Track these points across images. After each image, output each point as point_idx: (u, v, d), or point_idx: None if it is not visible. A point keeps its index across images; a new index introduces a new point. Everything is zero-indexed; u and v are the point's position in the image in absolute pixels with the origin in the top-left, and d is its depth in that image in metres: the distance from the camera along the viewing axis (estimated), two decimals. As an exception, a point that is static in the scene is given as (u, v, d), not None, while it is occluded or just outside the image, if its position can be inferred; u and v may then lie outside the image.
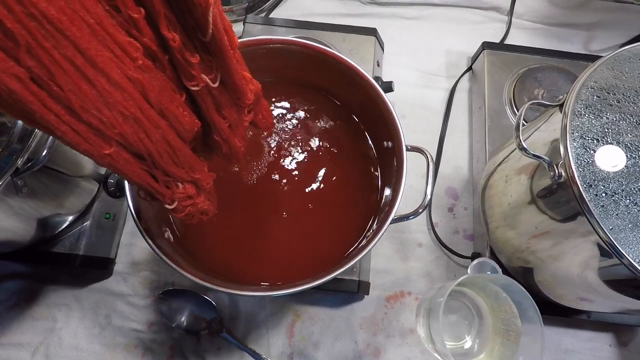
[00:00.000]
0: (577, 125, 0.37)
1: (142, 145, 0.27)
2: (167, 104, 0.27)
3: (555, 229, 0.43)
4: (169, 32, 0.25)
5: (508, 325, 0.47)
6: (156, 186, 0.30)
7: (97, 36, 0.23)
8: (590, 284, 0.43)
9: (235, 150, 0.35)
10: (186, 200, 0.32)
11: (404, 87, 0.70)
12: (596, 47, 0.77)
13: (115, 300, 0.58)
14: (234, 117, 0.33)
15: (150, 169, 0.29)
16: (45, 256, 0.54)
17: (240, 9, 0.75)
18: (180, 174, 0.31)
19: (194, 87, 0.28)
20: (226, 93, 0.31)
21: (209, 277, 0.39)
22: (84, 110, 0.23)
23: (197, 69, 0.27)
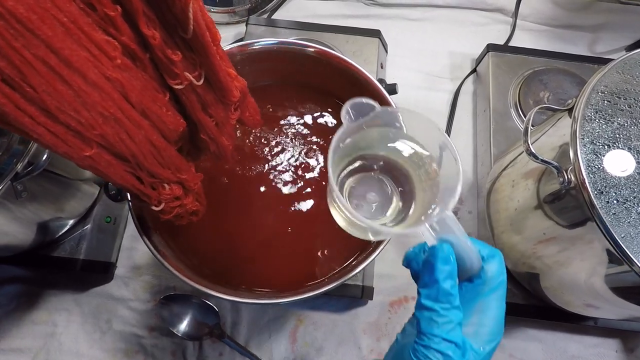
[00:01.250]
0: (587, 130, 0.36)
1: (124, 147, 0.26)
2: (149, 103, 0.27)
3: (562, 235, 0.43)
4: (149, 29, 0.24)
5: (427, 172, 0.35)
6: (141, 188, 0.29)
7: (72, 35, 0.22)
8: (597, 291, 0.42)
9: (224, 148, 0.35)
10: (173, 201, 0.32)
11: (408, 89, 0.70)
12: (601, 49, 0.77)
13: (116, 304, 0.57)
14: (220, 115, 0.32)
15: (134, 171, 0.28)
16: (46, 260, 0.54)
17: (243, 10, 0.74)
18: (166, 175, 0.30)
19: (178, 86, 0.27)
20: (211, 91, 0.30)
21: (211, 284, 0.39)
22: (61, 112, 0.22)
23: (179, 67, 0.27)
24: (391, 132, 0.32)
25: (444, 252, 0.25)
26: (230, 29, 0.75)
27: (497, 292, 0.26)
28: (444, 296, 0.24)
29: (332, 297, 0.58)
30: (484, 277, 0.27)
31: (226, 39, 0.74)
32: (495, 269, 0.27)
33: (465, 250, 0.26)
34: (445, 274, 0.25)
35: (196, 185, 0.34)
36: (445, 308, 0.24)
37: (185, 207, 0.34)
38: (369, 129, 0.31)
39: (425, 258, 0.26)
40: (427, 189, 0.33)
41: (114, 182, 0.28)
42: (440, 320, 0.24)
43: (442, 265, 0.25)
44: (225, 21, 0.75)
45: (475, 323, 0.26)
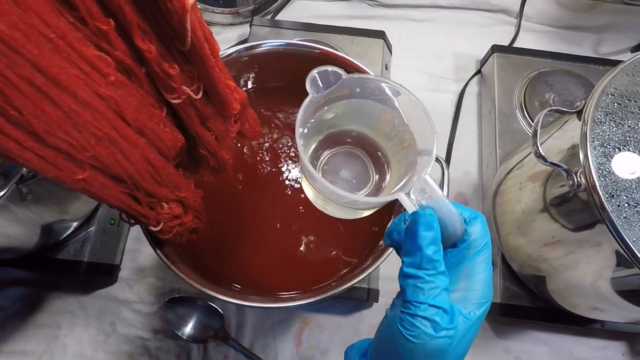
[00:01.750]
0: (597, 133, 0.36)
1: (119, 167, 0.25)
2: (146, 120, 0.25)
3: (568, 237, 0.42)
4: (144, 43, 0.23)
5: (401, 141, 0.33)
6: (139, 208, 0.28)
7: (60, 52, 0.20)
8: (603, 294, 0.42)
9: (224, 162, 0.34)
10: (173, 220, 0.31)
11: (412, 90, 0.66)
12: (606, 50, 0.76)
13: (120, 307, 0.57)
14: (220, 129, 0.31)
15: (131, 191, 0.27)
16: (50, 263, 0.53)
17: (246, 11, 0.74)
18: (165, 194, 0.29)
19: (175, 100, 0.26)
20: (210, 104, 0.29)
21: (217, 287, 0.38)
22: (50, 134, 0.21)
23: (177, 81, 0.25)
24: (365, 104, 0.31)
25: (426, 218, 0.24)
26: (234, 30, 0.75)
27: (483, 254, 0.25)
28: (428, 262, 0.23)
29: (337, 299, 0.57)
30: (468, 240, 0.26)
31: (229, 40, 0.74)
32: (478, 231, 0.26)
33: (447, 215, 0.25)
34: (429, 240, 0.24)
35: (196, 203, 0.33)
36: (430, 274, 0.23)
37: (185, 225, 0.33)
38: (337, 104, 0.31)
39: (407, 225, 0.25)
40: (402, 158, 0.32)
41: (108, 204, 0.26)
42: (426, 286, 0.23)
43: (425, 231, 0.24)
44: (228, 22, 0.75)
45: (463, 288, 0.25)
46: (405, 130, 0.31)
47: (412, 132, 0.31)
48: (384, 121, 0.33)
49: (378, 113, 0.32)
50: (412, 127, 0.31)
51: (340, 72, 0.28)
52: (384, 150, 0.34)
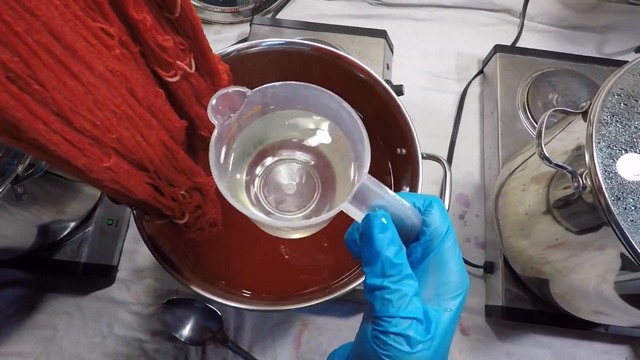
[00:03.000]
0: (603, 134, 0.35)
1: (141, 151, 0.23)
2: (153, 100, 0.24)
3: (571, 240, 0.42)
4: (138, 13, 0.22)
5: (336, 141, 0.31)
6: (164, 201, 0.27)
7: (67, 21, 0.19)
8: (607, 298, 0.42)
9: None
10: (195, 210, 0.30)
11: (414, 90, 0.69)
12: (609, 50, 0.76)
13: (117, 308, 0.56)
14: None
15: (153, 180, 0.25)
16: (47, 263, 0.53)
17: (247, 9, 0.73)
18: (183, 181, 0.28)
19: (173, 78, 0.25)
20: (202, 79, 0.28)
21: (215, 289, 0.38)
22: (75, 114, 0.19)
23: (172, 55, 0.24)
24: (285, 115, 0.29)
25: (378, 219, 0.22)
26: (234, 29, 0.74)
27: (447, 241, 0.23)
28: (390, 267, 0.21)
29: (337, 301, 0.56)
30: (428, 230, 0.23)
31: (230, 39, 0.73)
32: (437, 218, 0.23)
33: (401, 209, 0.23)
34: (386, 242, 0.21)
35: (212, 189, 0.31)
36: (395, 281, 0.21)
37: (206, 216, 0.32)
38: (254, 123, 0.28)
39: (360, 232, 0.23)
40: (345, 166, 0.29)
41: (133, 199, 0.25)
42: (393, 297, 0.21)
43: (380, 233, 0.22)
44: (228, 21, 0.74)
45: (435, 284, 0.23)
46: (334, 129, 0.29)
47: (341, 130, 0.28)
48: (311, 128, 0.30)
49: (303, 121, 0.30)
50: (340, 125, 0.28)
51: (243, 91, 0.25)
52: (324, 156, 0.31)
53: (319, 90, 0.26)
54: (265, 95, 0.27)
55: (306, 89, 0.26)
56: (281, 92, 0.27)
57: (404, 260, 0.22)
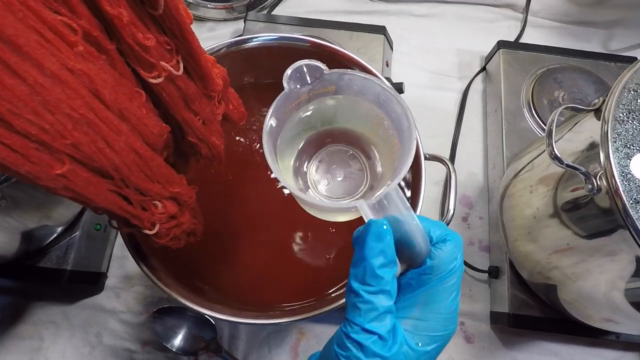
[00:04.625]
0: (619, 132, 0.33)
1: (104, 158, 0.21)
2: (126, 103, 0.22)
3: (581, 245, 0.40)
4: (113, 7, 0.20)
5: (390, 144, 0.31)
6: (130, 209, 0.25)
7: (14, 12, 0.16)
8: (617, 305, 0.40)
9: (216, 149, 0.31)
10: (169, 221, 0.28)
11: (414, 88, 0.67)
12: (615, 46, 0.73)
13: (106, 317, 0.54)
14: (206, 111, 0.28)
15: (119, 189, 0.23)
16: (31, 271, 0.50)
17: (241, 5, 0.71)
18: (157, 190, 0.26)
19: (155, 80, 0.23)
20: (192, 82, 0.26)
21: (207, 302, 0.35)
22: (16, 116, 0.17)
23: (154, 55, 0.22)
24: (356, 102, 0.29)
25: (378, 227, 0.22)
26: (228, 26, 0.72)
27: (446, 282, 0.23)
28: (371, 277, 0.21)
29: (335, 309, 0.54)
30: (431, 262, 0.23)
31: (224, 36, 0.70)
32: (445, 255, 0.23)
33: (412, 231, 0.22)
34: (376, 252, 0.21)
35: (191, 200, 0.30)
36: (371, 292, 0.21)
37: (182, 226, 0.30)
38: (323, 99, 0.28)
39: (359, 235, 0.23)
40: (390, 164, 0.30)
41: (96, 207, 0.23)
42: (363, 307, 0.21)
43: (373, 241, 0.21)
44: (222, 17, 0.72)
45: (416, 316, 0.22)
46: (393, 135, 0.29)
47: (398, 138, 0.29)
48: (376, 123, 0.30)
49: (370, 113, 0.29)
50: (398, 132, 0.29)
51: (320, 66, 0.25)
52: (378, 152, 0.32)
53: (390, 92, 0.27)
54: (341, 79, 0.27)
55: (380, 88, 0.27)
56: (357, 81, 0.27)
57: (388, 275, 0.21)
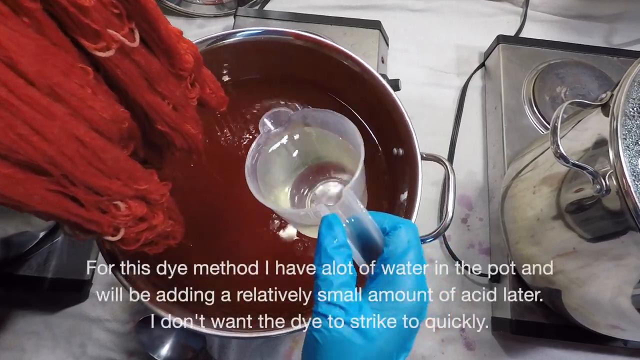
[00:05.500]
0: (630, 128, 0.31)
1: (30, 148, 0.17)
2: (59, 78, 0.18)
3: (586, 248, 0.38)
4: None
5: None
6: (82, 212, 0.21)
7: None
8: (624, 312, 0.38)
9: (192, 138, 0.27)
10: (137, 224, 0.24)
11: (411, 85, 0.64)
12: (618, 40, 0.71)
13: (91, 326, 0.52)
14: (176, 95, 0.24)
15: (63, 188, 0.19)
16: (10, 280, 0.48)
17: (231, 1, 0.69)
18: (117, 188, 0.22)
19: (102, 52, 0.19)
20: (154, 58, 0.22)
21: (192, 314, 0.33)
22: None
23: (97, 19, 0.18)
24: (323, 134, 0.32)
25: (327, 219, 0.25)
26: (218, 22, 0.69)
27: (402, 261, 0.25)
28: (325, 258, 0.24)
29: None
30: (387, 249, 0.25)
31: (214, 33, 0.68)
32: (398, 239, 0.25)
33: (366, 225, 0.25)
34: (328, 237, 0.24)
35: (164, 198, 0.26)
36: (326, 270, 0.23)
37: (155, 229, 0.26)
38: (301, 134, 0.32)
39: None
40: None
41: (34, 212, 0.19)
42: (322, 284, 0.23)
43: (325, 229, 0.24)
44: (212, 13, 0.69)
45: (381, 295, 0.24)
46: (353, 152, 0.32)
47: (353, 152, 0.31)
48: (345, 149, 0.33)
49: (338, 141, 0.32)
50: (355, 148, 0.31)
51: (289, 111, 0.29)
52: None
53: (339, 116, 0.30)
54: (306, 116, 0.31)
55: (333, 115, 0.30)
56: (317, 115, 0.31)
57: (340, 256, 0.24)
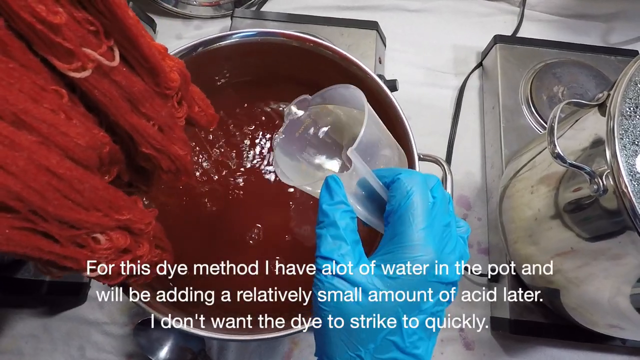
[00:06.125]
0: (627, 128, 0.31)
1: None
2: (26, 104, 0.16)
3: (584, 248, 0.38)
4: None
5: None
6: (56, 249, 0.19)
7: None
8: (622, 311, 0.38)
9: (180, 160, 0.25)
10: (120, 256, 0.22)
11: (408, 86, 0.64)
12: (615, 39, 0.71)
13: (89, 329, 0.52)
14: (162, 115, 0.23)
15: (33, 224, 0.18)
16: (7, 283, 0.48)
17: (228, 3, 0.69)
18: (96, 220, 0.20)
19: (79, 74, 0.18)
20: (137, 78, 0.21)
21: (189, 316, 0.33)
22: None
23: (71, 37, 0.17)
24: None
25: (326, 180, 0.25)
26: (215, 24, 0.69)
27: (402, 214, 0.23)
28: (321, 215, 0.24)
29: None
30: (389, 204, 0.25)
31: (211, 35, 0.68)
32: (398, 192, 0.24)
33: (376, 185, 0.25)
34: (325, 196, 0.24)
35: (150, 227, 0.24)
36: (321, 227, 0.24)
37: (141, 260, 0.24)
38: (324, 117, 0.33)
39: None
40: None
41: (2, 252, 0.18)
42: (319, 241, 0.24)
43: (323, 190, 0.25)
44: (209, 15, 0.69)
45: (384, 251, 0.24)
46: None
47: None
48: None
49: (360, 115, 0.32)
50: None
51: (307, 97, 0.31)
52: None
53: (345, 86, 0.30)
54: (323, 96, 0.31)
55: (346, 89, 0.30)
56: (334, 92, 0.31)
57: (335, 212, 0.24)
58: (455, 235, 0.25)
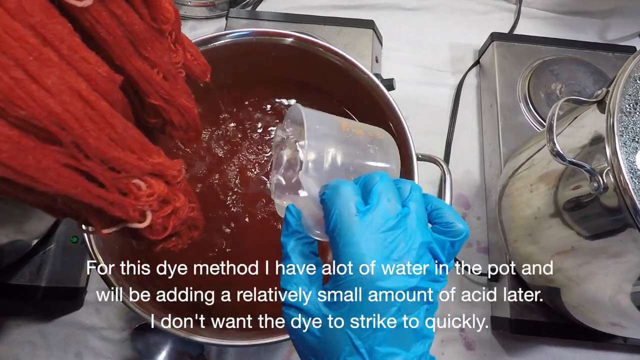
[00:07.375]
0: (626, 125, 0.30)
1: (29, 99, 0.14)
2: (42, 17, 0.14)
3: (584, 246, 0.37)
4: None
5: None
6: (104, 194, 0.18)
7: None
8: (623, 310, 0.38)
9: (189, 113, 0.24)
10: (162, 207, 0.21)
11: (406, 84, 0.64)
12: (612, 36, 0.71)
13: (86, 334, 0.51)
14: (164, 62, 0.21)
15: (76, 161, 0.16)
16: (2, 289, 0.47)
17: (223, 2, 0.68)
18: (132, 161, 0.19)
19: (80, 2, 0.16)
20: (135, 13, 0.19)
21: (185, 320, 0.32)
22: None
23: None
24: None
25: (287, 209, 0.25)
26: (210, 24, 0.69)
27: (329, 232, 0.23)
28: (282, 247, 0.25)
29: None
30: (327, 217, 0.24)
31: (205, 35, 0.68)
32: (325, 212, 0.24)
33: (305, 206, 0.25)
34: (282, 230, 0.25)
35: (181, 175, 0.23)
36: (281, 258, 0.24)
37: (179, 214, 0.23)
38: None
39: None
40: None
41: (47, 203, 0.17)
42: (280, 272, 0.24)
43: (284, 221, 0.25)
44: (204, 15, 0.69)
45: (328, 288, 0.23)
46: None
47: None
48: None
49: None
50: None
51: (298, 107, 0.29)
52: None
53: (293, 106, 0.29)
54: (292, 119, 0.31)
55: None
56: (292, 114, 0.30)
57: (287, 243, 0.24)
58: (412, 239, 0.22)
